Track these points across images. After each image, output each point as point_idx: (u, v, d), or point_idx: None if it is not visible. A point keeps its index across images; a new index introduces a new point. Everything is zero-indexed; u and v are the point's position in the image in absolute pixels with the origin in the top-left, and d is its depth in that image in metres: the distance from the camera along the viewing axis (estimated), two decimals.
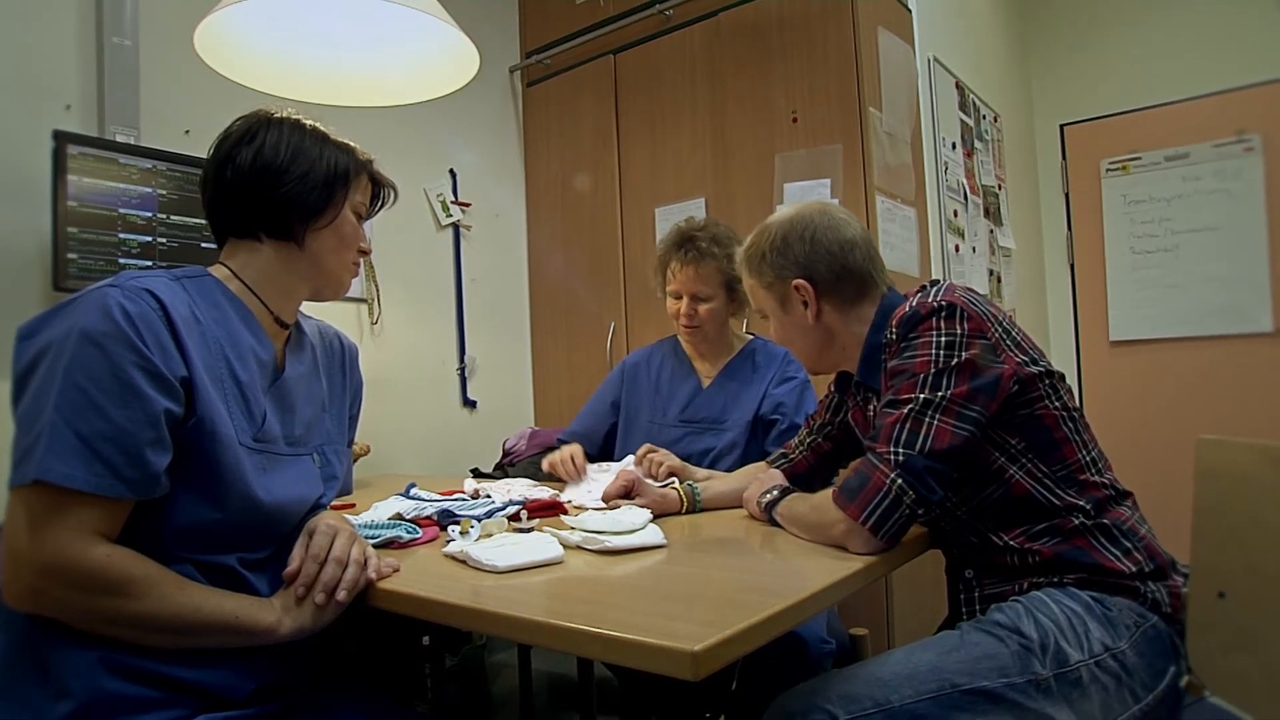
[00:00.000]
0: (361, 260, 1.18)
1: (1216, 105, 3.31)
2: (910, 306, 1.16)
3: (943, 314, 1.13)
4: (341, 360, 1.25)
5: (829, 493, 1.14)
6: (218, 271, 1.05)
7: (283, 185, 1.03)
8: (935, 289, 1.19)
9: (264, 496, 0.97)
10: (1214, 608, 1.26)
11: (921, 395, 1.09)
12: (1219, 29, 3.35)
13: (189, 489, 0.91)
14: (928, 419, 1.08)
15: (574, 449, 1.73)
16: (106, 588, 0.83)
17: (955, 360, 1.09)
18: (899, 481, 1.06)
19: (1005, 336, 1.15)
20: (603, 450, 1.97)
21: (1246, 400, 3.16)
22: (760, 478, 1.41)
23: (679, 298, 1.85)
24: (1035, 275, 3.63)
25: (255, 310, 1.05)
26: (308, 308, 1.18)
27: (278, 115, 1.08)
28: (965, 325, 1.11)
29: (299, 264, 1.07)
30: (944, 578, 1.31)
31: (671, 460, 1.60)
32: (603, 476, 1.64)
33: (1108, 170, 3.56)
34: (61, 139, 1.73)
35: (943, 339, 1.11)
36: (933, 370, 1.10)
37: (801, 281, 1.30)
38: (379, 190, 1.19)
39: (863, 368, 1.31)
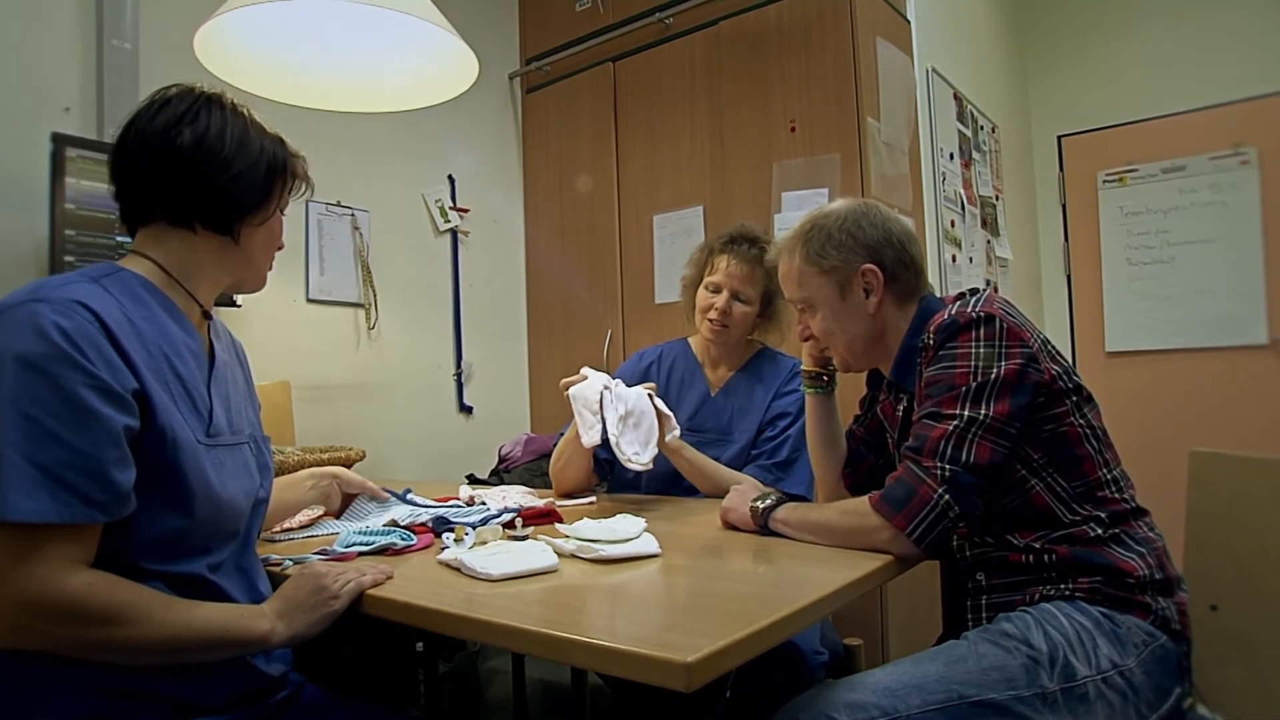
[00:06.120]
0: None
1: (1213, 118, 3.33)
2: (949, 315, 1.17)
3: (981, 324, 1.13)
4: (235, 347, 1.18)
5: (863, 500, 1.14)
6: (136, 265, 0.98)
7: (226, 176, 0.97)
8: (975, 298, 1.20)
9: (222, 493, 0.96)
10: (1206, 619, 1.27)
11: (965, 412, 1.10)
12: (1216, 42, 3.37)
13: (155, 499, 0.88)
14: (971, 435, 1.09)
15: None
16: (91, 618, 0.81)
17: (995, 373, 1.10)
18: (946, 497, 1.08)
19: (1044, 346, 1.17)
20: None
21: (1241, 412, 3.17)
22: (737, 487, 1.38)
23: (718, 291, 1.79)
24: (1032, 286, 3.64)
25: (180, 302, 0.99)
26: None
27: (214, 94, 1.01)
28: (1005, 336, 1.12)
29: (230, 258, 1.03)
30: (939, 590, 1.31)
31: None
32: (615, 385, 1.57)
33: (1105, 182, 3.57)
34: (60, 141, 1.73)
35: (981, 350, 1.12)
36: (974, 383, 1.11)
37: (871, 267, 1.28)
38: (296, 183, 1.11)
39: (896, 369, 1.31)
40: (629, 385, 1.58)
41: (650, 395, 1.57)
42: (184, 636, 0.86)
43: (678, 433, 1.59)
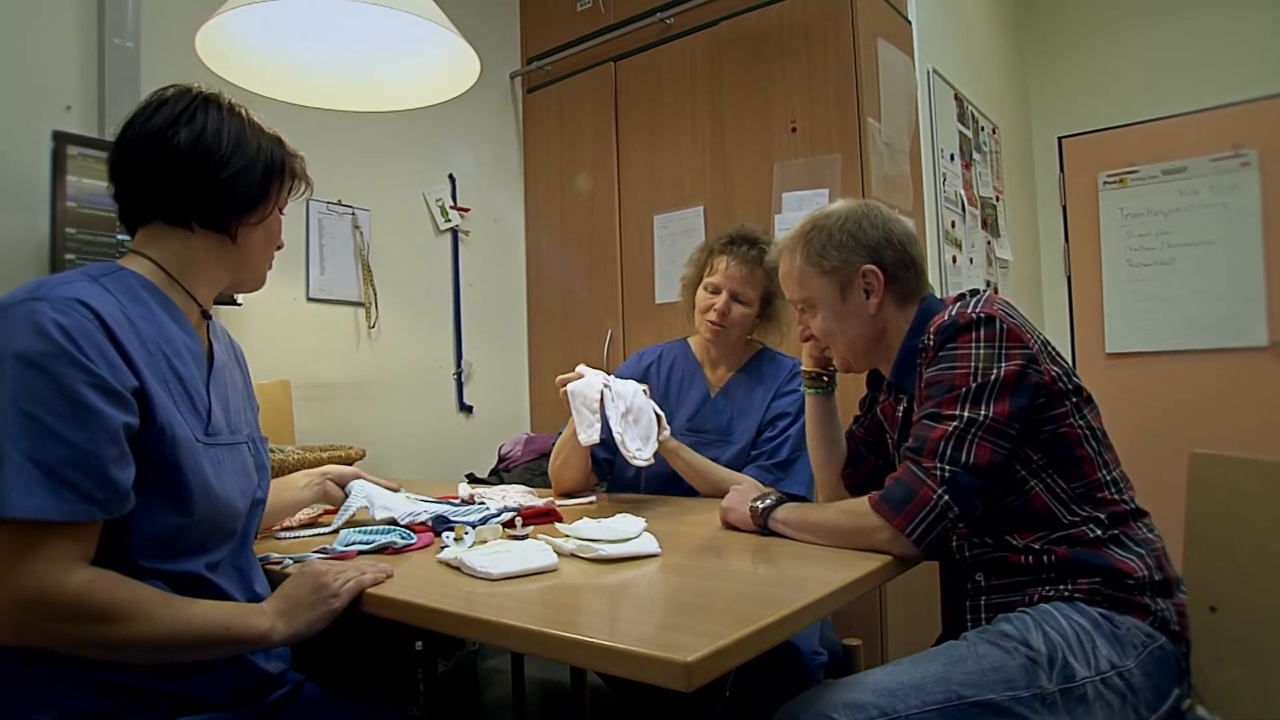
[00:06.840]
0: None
1: (1214, 120, 3.33)
2: (949, 316, 1.17)
3: (982, 325, 1.13)
4: (234, 349, 1.19)
5: (863, 500, 1.14)
6: (135, 264, 0.98)
7: (223, 175, 0.98)
8: (975, 299, 1.20)
9: (220, 492, 0.96)
10: (1205, 621, 1.27)
11: (965, 413, 1.10)
12: (1217, 44, 3.37)
13: (154, 498, 0.88)
14: (971, 436, 1.09)
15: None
16: (91, 615, 0.81)
17: (995, 374, 1.11)
18: (945, 497, 1.08)
19: (1044, 347, 1.17)
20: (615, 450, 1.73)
21: (1241, 414, 3.17)
22: (737, 487, 1.39)
23: (717, 292, 1.79)
24: (1032, 287, 3.64)
25: (179, 302, 1.00)
26: None
27: (211, 94, 1.01)
28: (1005, 337, 1.12)
29: (228, 257, 1.04)
30: (938, 590, 1.31)
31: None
32: (613, 383, 1.57)
33: (1105, 183, 3.57)
34: (61, 140, 1.73)
35: (982, 351, 1.12)
36: (974, 384, 1.11)
37: (872, 268, 1.28)
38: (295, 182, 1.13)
39: (896, 370, 1.31)
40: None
41: (645, 392, 1.58)
42: (184, 634, 0.86)
43: (668, 432, 1.60)
